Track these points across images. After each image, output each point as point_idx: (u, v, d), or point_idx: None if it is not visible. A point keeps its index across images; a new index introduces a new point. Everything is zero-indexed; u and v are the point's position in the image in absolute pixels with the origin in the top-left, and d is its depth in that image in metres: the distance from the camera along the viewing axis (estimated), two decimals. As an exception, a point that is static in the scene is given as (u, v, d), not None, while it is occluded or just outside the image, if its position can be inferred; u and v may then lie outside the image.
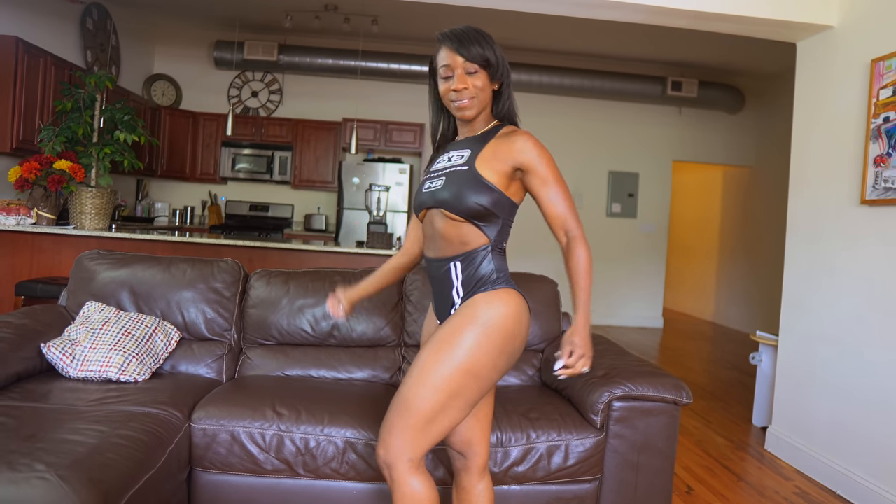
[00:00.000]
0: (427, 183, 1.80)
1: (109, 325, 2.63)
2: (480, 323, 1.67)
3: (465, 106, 1.73)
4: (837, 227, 3.47)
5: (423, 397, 1.64)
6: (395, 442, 1.66)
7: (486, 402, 1.88)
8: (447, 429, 1.68)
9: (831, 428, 3.40)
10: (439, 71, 1.75)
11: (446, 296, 1.78)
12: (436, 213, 1.76)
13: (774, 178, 7.70)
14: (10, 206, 4.38)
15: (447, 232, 1.75)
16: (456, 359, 1.65)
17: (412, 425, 1.65)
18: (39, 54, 4.93)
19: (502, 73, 1.76)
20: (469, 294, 1.73)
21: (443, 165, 1.79)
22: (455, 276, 1.75)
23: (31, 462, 1.66)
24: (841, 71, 3.52)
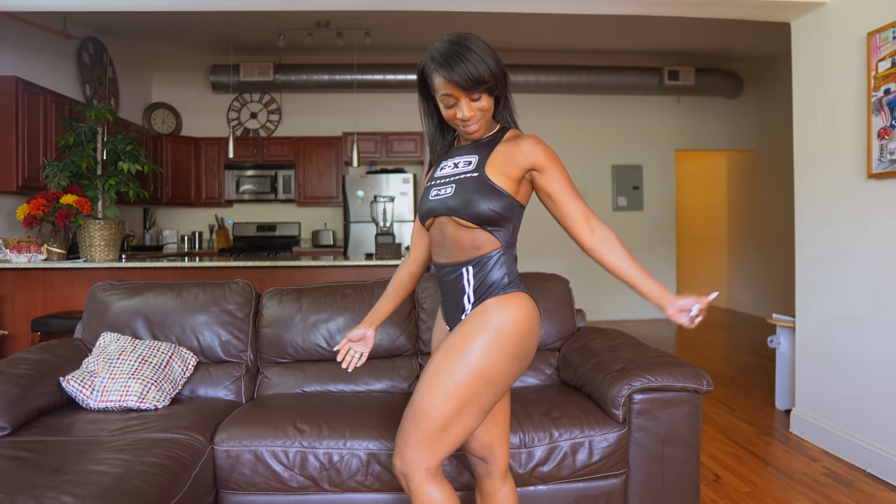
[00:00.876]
0: (434, 190, 1.77)
1: (126, 355, 2.64)
2: (492, 328, 1.66)
3: (473, 130, 1.71)
4: (846, 204, 3.45)
5: (435, 405, 1.63)
6: (411, 452, 1.65)
7: (503, 406, 1.88)
8: (463, 436, 1.67)
9: (855, 406, 3.37)
10: (439, 97, 1.68)
11: (457, 301, 1.77)
12: (446, 220, 1.74)
13: (778, 159, 7.67)
14: (21, 243, 4.41)
15: (459, 238, 1.73)
16: (468, 365, 1.63)
17: (427, 434, 1.63)
18: (39, 92, 4.98)
19: (502, 83, 1.70)
20: (480, 299, 1.72)
21: (449, 172, 1.76)
22: (467, 282, 1.74)
23: (59, 495, 1.67)
24: (837, 47, 3.50)
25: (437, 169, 1.82)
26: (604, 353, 2.69)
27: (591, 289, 8.07)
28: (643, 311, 8.44)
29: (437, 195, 1.75)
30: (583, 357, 2.76)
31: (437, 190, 1.76)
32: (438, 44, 1.66)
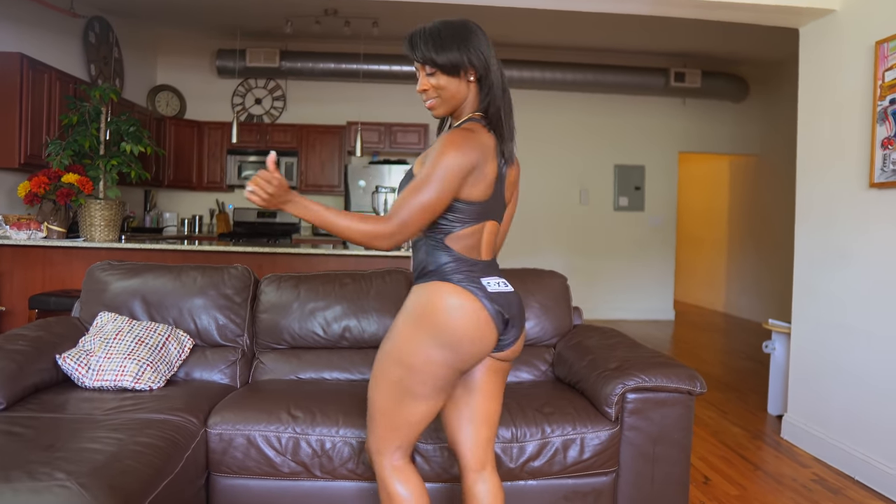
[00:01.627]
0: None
1: (123, 335, 2.65)
2: (406, 312, 1.71)
3: (430, 106, 1.75)
4: (847, 212, 3.45)
5: (374, 394, 1.75)
6: (371, 441, 1.78)
7: (477, 403, 1.82)
8: (412, 423, 1.72)
9: (847, 414, 3.38)
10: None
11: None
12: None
13: (781, 165, 7.66)
14: (21, 220, 4.41)
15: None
16: (386, 350, 1.73)
17: (377, 423, 1.75)
18: (44, 69, 4.97)
19: (466, 67, 1.68)
20: (414, 281, 1.79)
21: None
22: (412, 264, 1.83)
23: (52, 471, 1.67)
24: (845, 54, 3.50)
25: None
26: (599, 351, 2.70)
27: (589, 287, 8.09)
28: (639, 312, 8.46)
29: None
30: (578, 354, 2.77)
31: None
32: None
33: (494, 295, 1.70)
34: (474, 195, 1.67)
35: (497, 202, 1.75)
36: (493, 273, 1.76)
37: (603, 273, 8.35)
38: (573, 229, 8.35)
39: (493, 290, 1.70)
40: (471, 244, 1.71)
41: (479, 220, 1.71)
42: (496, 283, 1.73)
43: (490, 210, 1.72)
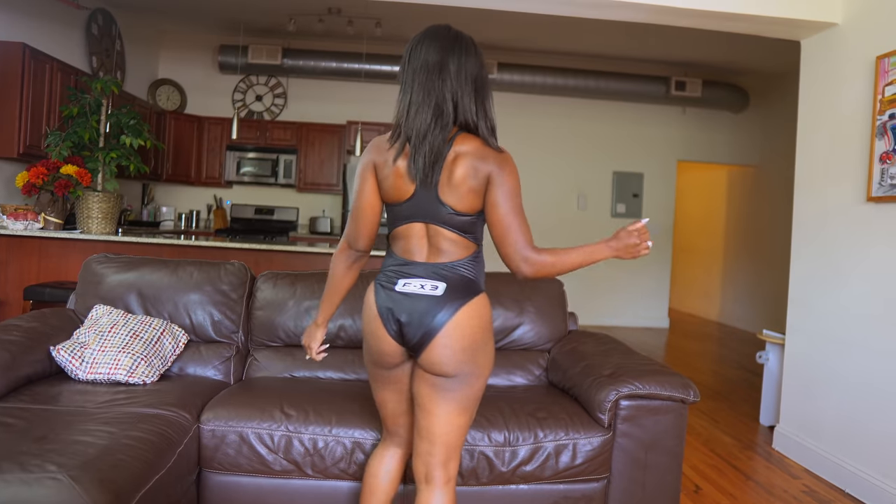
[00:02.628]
0: None
1: (118, 328, 2.64)
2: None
3: None
4: (844, 225, 3.47)
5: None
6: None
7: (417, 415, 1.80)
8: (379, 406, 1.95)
9: (839, 426, 3.39)
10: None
11: None
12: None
13: (779, 177, 7.69)
14: (18, 211, 4.40)
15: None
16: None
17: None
18: (45, 60, 4.96)
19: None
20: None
21: None
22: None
23: (43, 463, 1.67)
24: (846, 68, 3.52)
25: None
26: (593, 357, 2.70)
27: (584, 293, 8.10)
28: (634, 319, 8.47)
29: None
30: (572, 360, 2.77)
31: None
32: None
33: (399, 295, 1.71)
34: (388, 197, 1.75)
35: (416, 204, 1.70)
36: (425, 275, 1.71)
37: (598, 279, 8.35)
38: (570, 235, 8.35)
39: (400, 290, 1.71)
40: (402, 245, 1.76)
41: (402, 222, 1.74)
42: (414, 285, 1.70)
43: (411, 212, 1.71)
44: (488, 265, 1.92)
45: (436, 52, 1.69)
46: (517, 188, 1.68)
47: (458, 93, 1.66)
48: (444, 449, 1.76)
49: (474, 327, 1.70)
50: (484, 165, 1.65)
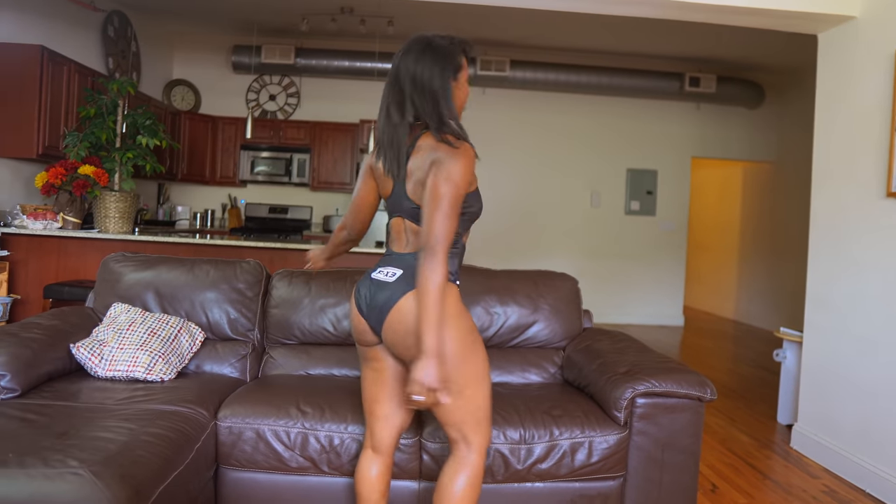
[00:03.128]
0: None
1: (136, 326, 2.67)
2: None
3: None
4: (863, 221, 3.43)
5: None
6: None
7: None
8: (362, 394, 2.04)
9: (859, 425, 3.36)
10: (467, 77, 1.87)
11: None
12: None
13: (796, 173, 7.63)
14: (38, 210, 4.45)
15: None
16: None
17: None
18: (63, 62, 5.01)
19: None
20: None
21: None
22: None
23: (65, 458, 1.69)
24: (864, 62, 3.48)
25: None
26: (609, 355, 2.69)
27: (598, 291, 8.08)
28: (649, 317, 8.43)
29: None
30: (587, 358, 2.77)
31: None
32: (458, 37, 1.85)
33: (369, 280, 1.87)
34: (382, 194, 1.95)
35: (394, 200, 1.86)
36: (393, 263, 1.85)
37: (612, 277, 8.33)
38: (583, 232, 8.34)
39: (373, 277, 1.86)
40: (390, 237, 1.93)
41: (390, 216, 1.91)
42: (383, 273, 1.84)
43: (392, 207, 1.89)
44: (505, 262, 1.92)
45: (395, 59, 1.83)
46: (455, 179, 1.68)
47: (413, 97, 1.78)
48: (452, 428, 1.82)
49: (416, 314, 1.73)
50: (432, 155, 1.73)
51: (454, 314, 1.76)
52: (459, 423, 1.79)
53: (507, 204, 8.14)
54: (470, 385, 1.78)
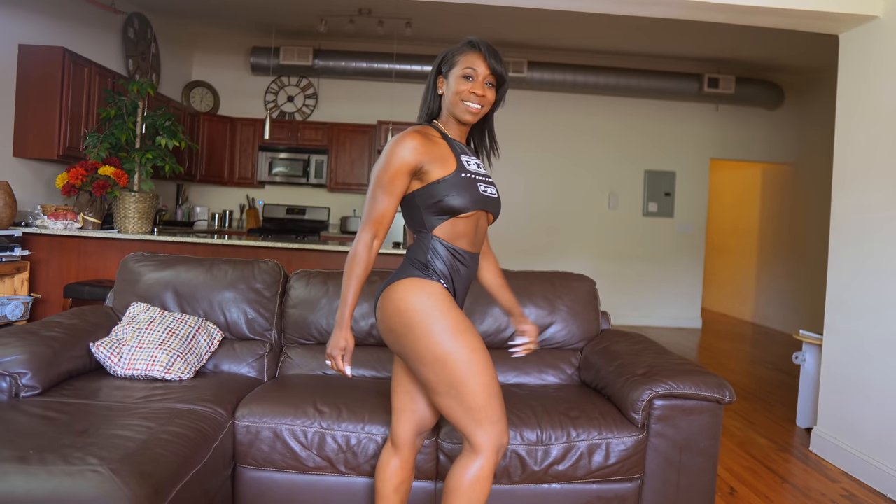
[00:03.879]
0: (481, 186, 1.87)
1: (154, 325, 2.69)
2: None
3: (475, 111, 1.86)
4: (885, 223, 3.38)
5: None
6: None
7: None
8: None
9: (879, 429, 3.31)
10: (461, 70, 1.84)
11: (468, 286, 1.95)
12: (484, 215, 1.91)
13: (816, 175, 7.54)
14: (58, 211, 4.51)
15: (487, 232, 1.99)
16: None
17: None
18: (84, 64, 5.07)
19: (500, 101, 1.93)
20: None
21: (477, 171, 1.90)
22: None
23: (85, 456, 1.71)
24: (887, 62, 3.43)
25: (463, 162, 1.87)
26: (626, 356, 2.68)
27: (615, 292, 8.03)
28: (666, 319, 8.37)
29: (486, 192, 1.88)
30: (605, 359, 2.75)
31: (483, 186, 1.88)
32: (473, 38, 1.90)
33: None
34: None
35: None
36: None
37: (630, 279, 8.28)
38: (601, 233, 8.30)
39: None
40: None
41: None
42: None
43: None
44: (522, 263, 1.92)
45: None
46: (381, 162, 1.81)
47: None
48: (456, 427, 1.80)
49: (386, 310, 1.82)
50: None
51: (427, 311, 1.77)
52: (458, 423, 1.78)
53: (525, 205, 8.12)
54: (455, 386, 1.75)
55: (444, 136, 1.89)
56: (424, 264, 1.83)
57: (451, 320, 1.77)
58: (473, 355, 1.75)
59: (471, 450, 1.78)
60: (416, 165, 1.80)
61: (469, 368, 1.75)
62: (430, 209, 1.82)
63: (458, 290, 1.88)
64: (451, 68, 1.86)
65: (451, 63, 1.87)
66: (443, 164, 1.82)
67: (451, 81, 1.86)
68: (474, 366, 1.75)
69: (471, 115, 1.86)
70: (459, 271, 1.86)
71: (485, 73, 1.84)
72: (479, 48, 1.85)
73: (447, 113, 1.90)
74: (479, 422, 1.75)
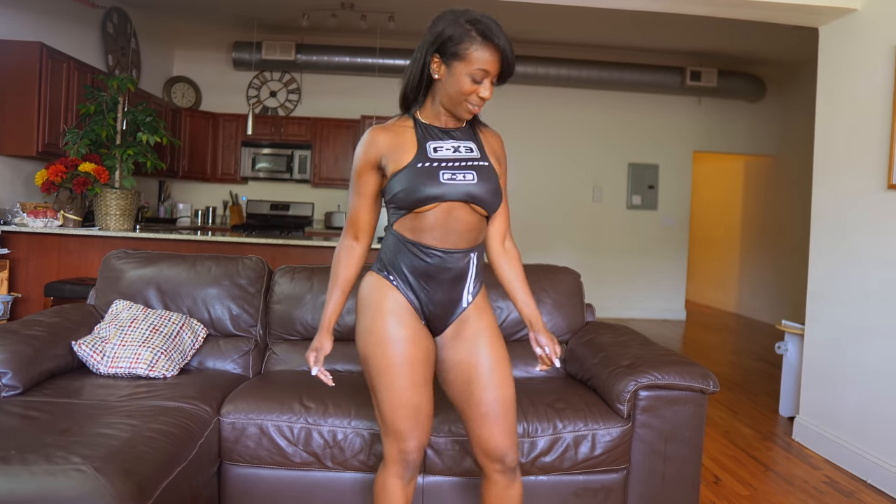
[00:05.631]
0: (449, 174, 1.70)
1: (138, 323, 2.67)
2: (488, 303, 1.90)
3: (474, 111, 1.74)
4: (864, 214, 3.42)
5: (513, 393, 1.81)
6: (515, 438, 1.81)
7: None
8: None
9: (860, 416, 3.36)
10: (473, 69, 1.64)
11: (453, 287, 1.79)
12: (460, 206, 1.72)
13: (797, 166, 7.61)
14: (38, 208, 4.45)
15: (474, 225, 1.77)
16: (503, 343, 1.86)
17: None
18: (62, 59, 5.00)
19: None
20: (477, 286, 1.84)
21: (453, 156, 1.73)
22: (472, 268, 1.81)
23: (67, 455, 1.69)
24: (865, 55, 3.47)
25: (429, 149, 1.73)
26: (612, 348, 2.69)
27: (599, 285, 8.06)
28: (650, 311, 8.43)
29: (453, 179, 1.70)
30: (590, 351, 2.77)
31: (450, 174, 1.70)
32: (482, 17, 1.68)
33: None
34: None
35: None
36: None
37: (614, 271, 8.32)
38: (585, 227, 8.33)
39: None
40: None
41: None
42: None
43: None
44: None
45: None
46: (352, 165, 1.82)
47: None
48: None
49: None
50: None
51: (362, 305, 1.82)
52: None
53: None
54: (372, 389, 1.80)
55: (418, 123, 1.77)
56: (379, 258, 1.83)
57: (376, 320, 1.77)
58: (387, 363, 1.73)
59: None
60: (375, 161, 1.76)
61: (378, 376, 1.76)
62: (389, 204, 1.77)
63: (423, 286, 1.76)
64: (459, 59, 1.65)
65: (459, 53, 1.64)
66: (401, 157, 1.72)
67: (455, 74, 1.66)
68: (387, 376, 1.74)
69: (470, 115, 1.75)
70: (420, 267, 1.74)
71: (496, 73, 1.68)
72: (496, 43, 1.64)
73: (439, 101, 1.74)
74: (385, 432, 1.80)
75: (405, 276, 1.77)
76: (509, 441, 1.77)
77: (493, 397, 1.75)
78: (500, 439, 1.76)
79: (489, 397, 1.75)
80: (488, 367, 1.77)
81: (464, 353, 1.79)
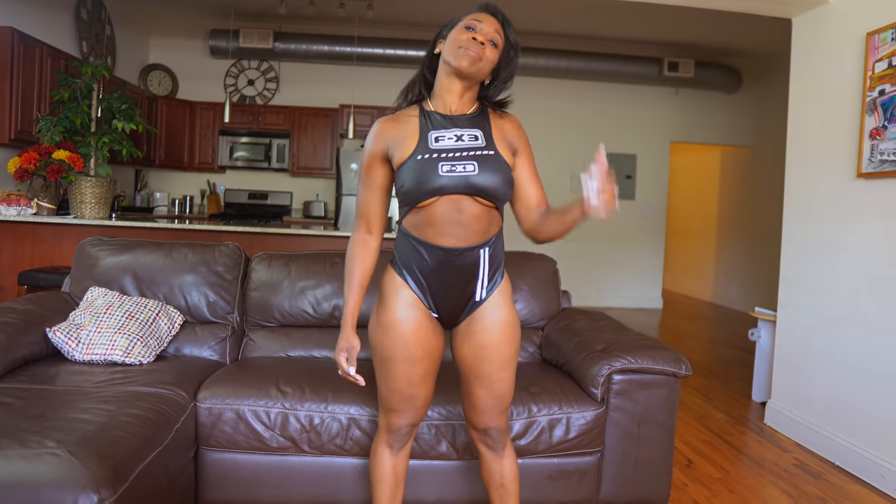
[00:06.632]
0: (448, 165, 1.65)
1: (113, 310, 2.66)
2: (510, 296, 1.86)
3: (473, 57, 1.64)
4: (834, 202, 3.49)
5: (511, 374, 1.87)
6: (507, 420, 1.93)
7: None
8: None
9: (829, 400, 3.44)
10: (465, 23, 1.70)
11: (464, 284, 1.74)
12: (463, 198, 1.66)
13: (773, 157, 7.71)
14: (11, 196, 4.39)
15: (480, 217, 1.70)
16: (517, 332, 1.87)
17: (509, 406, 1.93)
18: (35, 45, 4.92)
19: (510, 58, 1.80)
20: (493, 281, 1.79)
21: (455, 145, 1.67)
22: (483, 263, 1.74)
23: (42, 439, 1.69)
24: (836, 45, 3.53)
25: (430, 139, 1.69)
26: (586, 333, 2.73)
27: (577, 274, 8.13)
28: (628, 300, 8.52)
29: (453, 171, 1.64)
30: (565, 337, 2.80)
31: (450, 165, 1.65)
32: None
33: None
34: None
35: None
36: None
37: (592, 260, 8.39)
38: (564, 217, 8.36)
39: None
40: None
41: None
42: None
43: None
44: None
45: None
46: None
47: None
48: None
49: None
50: None
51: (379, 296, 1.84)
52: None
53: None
54: (374, 366, 1.86)
55: (423, 111, 1.75)
56: (395, 252, 1.83)
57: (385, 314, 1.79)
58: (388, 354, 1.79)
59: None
60: (382, 153, 1.75)
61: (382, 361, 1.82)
62: (398, 198, 1.74)
63: (431, 283, 1.74)
64: (454, 27, 1.71)
65: (454, 24, 1.72)
66: (404, 148, 1.69)
67: (452, 34, 1.69)
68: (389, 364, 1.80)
69: (468, 61, 1.64)
70: (426, 267, 1.72)
71: (489, 30, 1.68)
72: (490, 8, 1.74)
73: (443, 74, 1.72)
74: (381, 405, 1.90)
75: (414, 273, 1.75)
76: (496, 422, 1.88)
77: (487, 395, 1.83)
78: (485, 417, 1.87)
79: (484, 394, 1.83)
80: (489, 370, 1.80)
81: (469, 350, 1.81)
